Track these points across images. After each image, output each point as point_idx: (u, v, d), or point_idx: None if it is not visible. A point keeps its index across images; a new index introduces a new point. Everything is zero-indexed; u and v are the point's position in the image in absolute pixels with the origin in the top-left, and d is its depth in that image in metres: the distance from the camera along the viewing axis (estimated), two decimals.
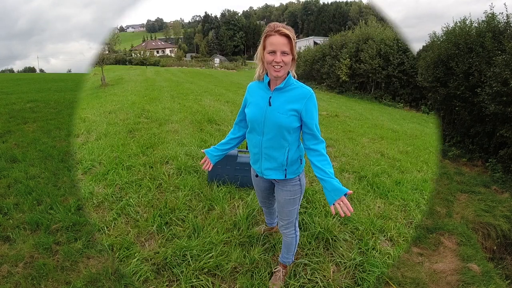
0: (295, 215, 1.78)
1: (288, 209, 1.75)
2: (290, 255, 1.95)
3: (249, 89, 1.70)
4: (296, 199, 1.73)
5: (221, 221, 2.55)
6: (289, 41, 1.44)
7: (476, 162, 7.27)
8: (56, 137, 4.98)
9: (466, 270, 2.63)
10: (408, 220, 2.92)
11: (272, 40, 1.44)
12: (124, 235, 2.33)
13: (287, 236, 1.86)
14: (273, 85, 1.57)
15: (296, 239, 1.88)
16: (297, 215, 1.80)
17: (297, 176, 1.69)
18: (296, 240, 1.88)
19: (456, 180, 5.71)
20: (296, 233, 1.86)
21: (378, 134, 7.07)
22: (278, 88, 1.55)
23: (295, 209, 1.76)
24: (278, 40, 1.43)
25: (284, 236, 1.90)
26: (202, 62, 51.98)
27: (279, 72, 1.47)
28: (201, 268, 2.05)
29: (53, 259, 2.09)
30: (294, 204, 1.74)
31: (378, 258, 2.26)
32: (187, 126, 5.29)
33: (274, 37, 1.44)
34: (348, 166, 4.04)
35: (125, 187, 2.99)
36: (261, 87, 1.62)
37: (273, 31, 1.44)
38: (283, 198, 1.73)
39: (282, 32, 1.42)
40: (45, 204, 2.74)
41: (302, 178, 1.72)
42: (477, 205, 4.56)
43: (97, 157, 3.61)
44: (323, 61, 25.41)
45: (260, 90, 1.62)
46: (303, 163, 1.71)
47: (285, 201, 1.73)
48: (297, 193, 1.72)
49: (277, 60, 1.44)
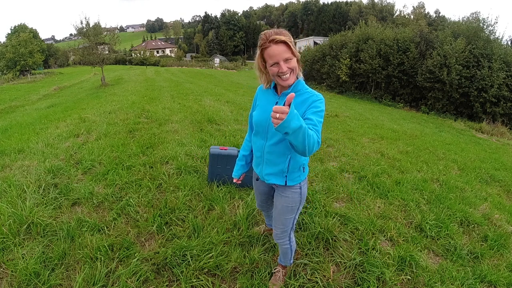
0: (291, 224, 1.72)
1: (285, 217, 1.69)
2: (287, 259, 1.94)
3: (258, 92, 1.68)
4: (294, 208, 1.67)
5: (221, 221, 2.55)
6: (287, 45, 1.37)
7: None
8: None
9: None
10: (408, 220, 2.92)
11: (270, 52, 1.37)
12: (124, 235, 2.33)
13: (282, 246, 1.83)
14: (280, 90, 1.54)
15: (291, 248, 1.85)
16: (293, 226, 1.74)
17: (298, 184, 1.62)
18: (291, 249, 1.85)
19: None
20: (290, 243, 1.82)
21: (378, 134, 7.08)
22: (285, 93, 1.50)
23: (292, 219, 1.70)
24: (276, 50, 1.36)
25: (279, 245, 1.87)
26: (202, 62, 51.97)
27: (288, 80, 1.41)
28: (201, 268, 2.05)
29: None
30: (291, 213, 1.68)
31: (378, 258, 2.26)
32: (187, 126, 5.29)
33: (271, 49, 1.37)
34: (348, 166, 4.04)
35: (125, 187, 2.99)
36: (269, 91, 1.59)
37: (267, 42, 1.37)
38: (281, 204, 1.67)
39: (277, 40, 1.35)
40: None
41: (303, 186, 1.65)
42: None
43: (97, 157, 3.61)
44: (323, 61, 25.44)
45: (268, 94, 1.59)
46: (305, 172, 1.65)
47: (282, 207, 1.67)
48: (296, 202, 1.65)
49: (282, 70, 1.38)
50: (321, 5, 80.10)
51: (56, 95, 18.56)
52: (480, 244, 2.76)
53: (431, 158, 5.63)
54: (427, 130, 10.66)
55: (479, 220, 3.13)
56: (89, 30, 17.11)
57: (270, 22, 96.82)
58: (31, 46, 38.15)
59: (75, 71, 40.23)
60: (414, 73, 19.63)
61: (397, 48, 20.39)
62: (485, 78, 16.36)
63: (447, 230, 2.79)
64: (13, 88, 25.91)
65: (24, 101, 17.13)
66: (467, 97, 17.22)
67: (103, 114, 6.27)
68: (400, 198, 3.28)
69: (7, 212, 2.42)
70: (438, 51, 18.27)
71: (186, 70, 34.49)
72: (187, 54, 69.18)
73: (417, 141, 7.14)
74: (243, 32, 72.30)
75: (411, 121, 13.52)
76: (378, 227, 2.65)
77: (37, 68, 40.68)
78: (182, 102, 8.00)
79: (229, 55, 67.74)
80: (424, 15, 52.94)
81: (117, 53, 57.29)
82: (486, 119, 16.34)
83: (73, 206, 2.69)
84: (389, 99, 20.92)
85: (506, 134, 14.25)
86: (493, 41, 18.11)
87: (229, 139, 4.53)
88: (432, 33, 20.66)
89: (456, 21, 22.72)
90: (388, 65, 20.62)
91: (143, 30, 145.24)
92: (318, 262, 2.20)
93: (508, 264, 2.55)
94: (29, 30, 45.49)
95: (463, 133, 13.00)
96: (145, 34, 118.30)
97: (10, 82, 32.30)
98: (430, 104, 18.76)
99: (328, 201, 2.94)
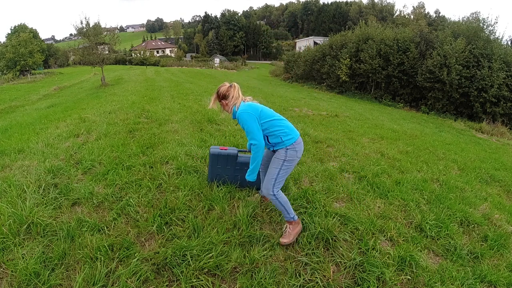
0: (275, 175, 2.28)
1: (271, 167, 2.31)
2: (286, 214, 2.36)
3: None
4: (279, 161, 2.29)
5: (221, 221, 2.55)
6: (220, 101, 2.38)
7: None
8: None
9: None
10: (408, 220, 2.92)
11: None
12: (124, 235, 2.33)
13: (267, 194, 2.30)
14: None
15: (279, 201, 2.31)
16: (276, 178, 2.27)
17: (284, 147, 2.30)
18: (279, 201, 2.31)
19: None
20: (274, 194, 2.29)
21: (378, 134, 7.08)
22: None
23: (276, 170, 2.28)
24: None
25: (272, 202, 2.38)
26: (202, 62, 51.94)
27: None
28: (201, 268, 2.05)
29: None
30: (277, 165, 2.29)
31: (378, 258, 2.26)
32: (187, 126, 5.29)
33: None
34: (348, 166, 4.04)
35: (125, 187, 2.99)
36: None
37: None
38: (272, 159, 2.36)
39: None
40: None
41: (289, 149, 2.29)
42: None
43: (97, 157, 3.61)
44: (323, 61, 25.41)
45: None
46: (285, 142, 2.29)
47: (272, 161, 2.35)
48: (282, 157, 2.29)
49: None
50: (321, 5, 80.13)
51: (56, 95, 18.57)
52: (480, 244, 2.76)
53: (431, 158, 5.63)
54: (427, 130, 10.66)
55: (479, 220, 3.13)
56: (89, 30, 17.11)
57: (270, 22, 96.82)
58: (31, 46, 38.14)
59: (75, 71, 40.23)
60: (414, 73, 19.62)
61: (397, 48, 20.37)
62: (485, 78, 16.35)
63: (447, 230, 2.79)
64: (13, 88, 25.92)
65: (24, 101, 17.13)
66: (467, 97, 17.21)
67: (103, 114, 6.26)
68: (400, 198, 3.28)
69: (7, 212, 2.42)
70: (438, 51, 18.25)
71: (186, 70, 34.48)
72: (187, 54, 69.13)
73: (417, 141, 7.15)
74: (243, 32, 72.22)
75: (411, 121, 13.52)
76: (378, 227, 2.65)
77: (37, 68, 40.68)
78: (182, 102, 8.00)
79: (229, 55, 67.69)
80: (424, 15, 52.98)
81: (117, 53, 57.28)
82: (486, 119, 16.33)
83: (73, 206, 2.69)
84: (389, 99, 20.91)
85: (506, 134, 14.24)
86: (493, 41, 18.10)
87: (229, 139, 4.53)
88: (432, 33, 20.65)
89: (456, 21, 22.73)
90: (388, 65, 20.60)
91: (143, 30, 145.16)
92: (318, 262, 2.20)
93: (508, 264, 2.55)
94: (29, 30, 45.45)
95: (463, 133, 13.00)
96: (145, 34, 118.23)
97: (10, 82, 32.30)
98: (430, 104, 18.76)
99: (328, 201, 2.94)
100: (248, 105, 2.29)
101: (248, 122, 2.22)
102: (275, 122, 2.31)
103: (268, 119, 2.30)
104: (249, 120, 2.23)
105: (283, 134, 2.30)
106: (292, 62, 30.95)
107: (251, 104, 2.32)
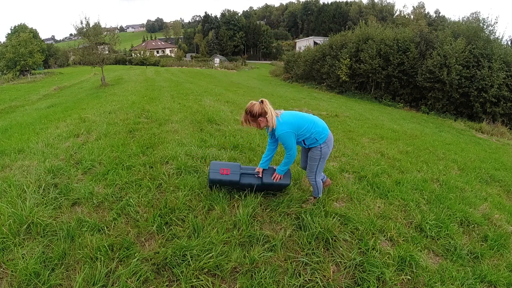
0: (315, 169, 2.69)
1: (310, 164, 2.71)
2: (316, 192, 2.85)
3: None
4: (316, 159, 2.66)
5: (221, 221, 2.55)
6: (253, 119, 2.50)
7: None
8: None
9: None
10: (408, 220, 2.92)
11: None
12: (124, 235, 2.33)
13: (310, 180, 2.80)
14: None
15: (316, 185, 2.79)
16: (316, 171, 2.70)
17: (318, 146, 2.62)
18: (316, 185, 2.79)
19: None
20: (315, 181, 2.76)
21: (378, 134, 7.08)
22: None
23: (315, 166, 2.68)
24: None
25: (310, 182, 2.85)
26: (202, 62, 51.93)
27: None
28: (201, 268, 2.05)
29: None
30: (314, 162, 2.68)
31: (378, 258, 2.26)
32: (187, 126, 5.29)
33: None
34: (348, 166, 4.04)
35: (125, 187, 2.99)
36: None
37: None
38: (309, 156, 2.71)
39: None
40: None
41: (323, 147, 2.62)
42: None
43: (97, 157, 3.61)
44: (323, 61, 25.40)
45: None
46: (319, 141, 2.60)
47: (309, 158, 2.72)
48: (317, 155, 2.64)
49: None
50: (321, 5, 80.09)
51: (56, 95, 18.57)
52: (480, 244, 2.76)
53: (431, 158, 5.64)
54: (427, 130, 10.66)
55: (479, 220, 3.13)
56: (89, 30, 17.10)
57: (270, 22, 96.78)
58: (31, 46, 38.12)
59: (75, 71, 40.23)
60: (414, 73, 19.62)
61: (397, 48, 20.36)
62: (485, 78, 16.35)
63: (447, 230, 2.79)
64: (13, 88, 25.91)
65: (24, 101, 17.13)
66: (467, 97, 17.21)
67: (103, 114, 6.26)
68: (400, 198, 3.28)
69: (7, 212, 2.42)
70: (438, 51, 18.25)
71: (186, 70, 34.49)
72: (187, 54, 69.11)
73: (417, 141, 7.15)
74: (243, 32, 72.19)
75: (411, 121, 13.52)
76: (378, 227, 2.66)
77: (37, 68, 40.66)
78: (182, 102, 7.99)
79: (229, 55, 67.66)
80: (424, 15, 52.97)
81: (117, 53, 57.27)
82: (486, 119, 16.33)
83: (73, 206, 2.69)
84: (389, 99, 20.91)
85: (506, 134, 14.24)
86: (493, 41, 18.09)
87: (229, 139, 4.52)
88: (432, 33, 20.64)
89: (456, 21, 22.71)
90: (388, 65, 20.59)
91: (143, 30, 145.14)
92: (318, 262, 2.20)
93: (508, 264, 2.55)
94: (29, 30, 45.42)
95: (463, 133, 13.00)
96: (145, 34, 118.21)
97: (10, 82, 32.29)
98: (430, 104, 18.75)
99: (328, 201, 2.94)
100: (285, 123, 2.50)
101: (288, 140, 2.51)
102: (309, 128, 2.56)
103: (302, 128, 2.55)
104: (290, 138, 2.51)
105: (317, 136, 2.59)
106: (292, 62, 30.95)
107: (287, 121, 2.51)
